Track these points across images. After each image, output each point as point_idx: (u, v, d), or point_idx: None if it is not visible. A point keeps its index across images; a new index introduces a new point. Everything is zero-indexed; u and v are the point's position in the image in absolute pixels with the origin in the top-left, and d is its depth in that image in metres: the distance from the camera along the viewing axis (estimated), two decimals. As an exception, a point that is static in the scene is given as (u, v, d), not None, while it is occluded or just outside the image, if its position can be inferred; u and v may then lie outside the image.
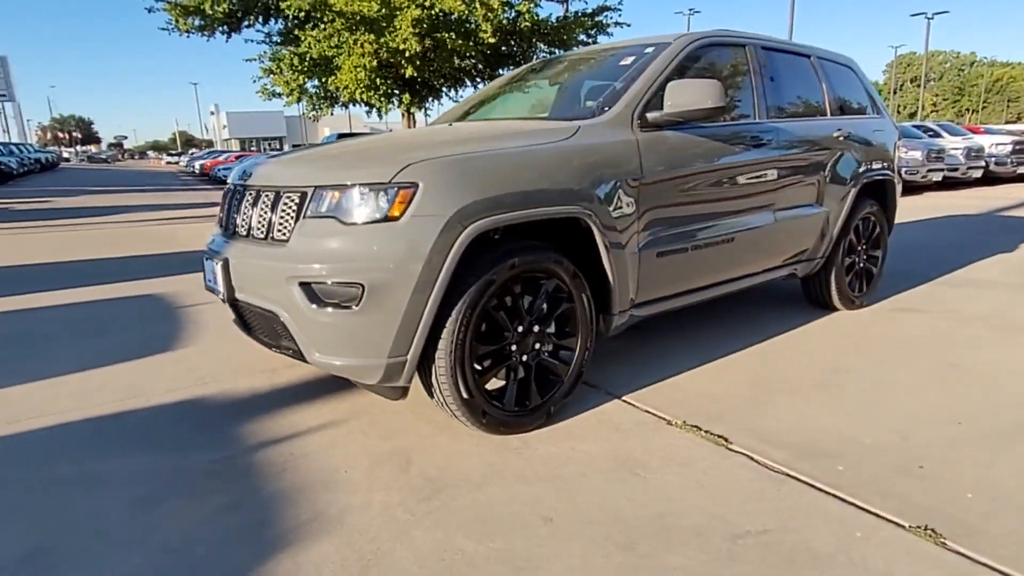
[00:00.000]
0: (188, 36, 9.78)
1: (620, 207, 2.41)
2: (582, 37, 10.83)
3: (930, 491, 1.86)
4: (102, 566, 1.58)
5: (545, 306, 2.32)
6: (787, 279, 3.60)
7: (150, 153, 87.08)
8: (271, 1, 9.45)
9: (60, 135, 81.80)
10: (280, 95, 10.34)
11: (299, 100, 10.40)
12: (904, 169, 12.47)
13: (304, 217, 2.03)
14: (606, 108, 2.57)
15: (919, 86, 57.14)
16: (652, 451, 2.13)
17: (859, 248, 3.91)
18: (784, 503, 1.80)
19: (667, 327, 3.53)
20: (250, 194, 2.28)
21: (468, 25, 8.82)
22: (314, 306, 1.97)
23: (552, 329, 2.38)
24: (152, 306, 4.30)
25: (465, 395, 2.08)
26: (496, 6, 8.34)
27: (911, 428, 2.27)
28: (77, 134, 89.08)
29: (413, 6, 8.03)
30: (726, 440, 2.19)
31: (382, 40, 8.11)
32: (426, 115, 12.96)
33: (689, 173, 2.68)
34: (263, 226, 2.16)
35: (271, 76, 10.22)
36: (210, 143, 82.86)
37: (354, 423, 2.39)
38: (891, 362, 2.97)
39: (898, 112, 71.42)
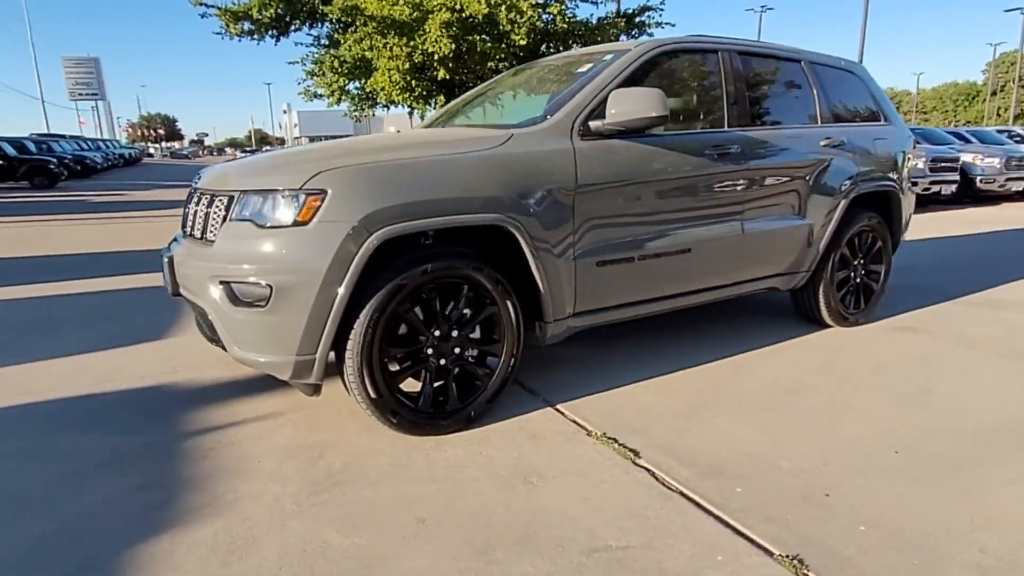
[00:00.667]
0: (240, 40, 10.39)
1: (551, 215, 2.43)
2: (623, 38, 10.72)
3: (822, 521, 1.79)
4: (6, 529, 1.77)
5: (469, 311, 2.38)
6: (770, 292, 3.50)
7: (227, 149, 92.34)
8: (316, 5, 9.89)
9: (146, 132, 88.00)
10: (321, 96, 10.81)
11: (339, 101, 10.84)
12: (980, 178, 11.67)
13: (229, 220, 2.18)
14: (548, 116, 2.59)
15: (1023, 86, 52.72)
16: (556, 461, 2.15)
17: (855, 263, 3.74)
18: (660, 521, 1.79)
19: (642, 334, 3.50)
20: (196, 196, 2.45)
21: (499, 28, 8.93)
22: (232, 304, 2.11)
23: (477, 335, 2.43)
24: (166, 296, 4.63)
25: (373, 394, 2.17)
26: (526, 8, 8.40)
27: (840, 454, 2.19)
28: (161, 131, 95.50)
29: (443, 10, 8.21)
30: (635, 454, 2.18)
31: (412, 43, 8.35)
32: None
33: (635, 182, 2.67)
34: (200, 227, 2.33)
35: (313, 78, 10.71)
36: (282, 140, 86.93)
37: (290, 416, 2.53)
38: (859, 384, 2.85)
39: (998, 115, 66.06)
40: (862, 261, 3.79)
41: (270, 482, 2.03)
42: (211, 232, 2.26)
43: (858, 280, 3.79)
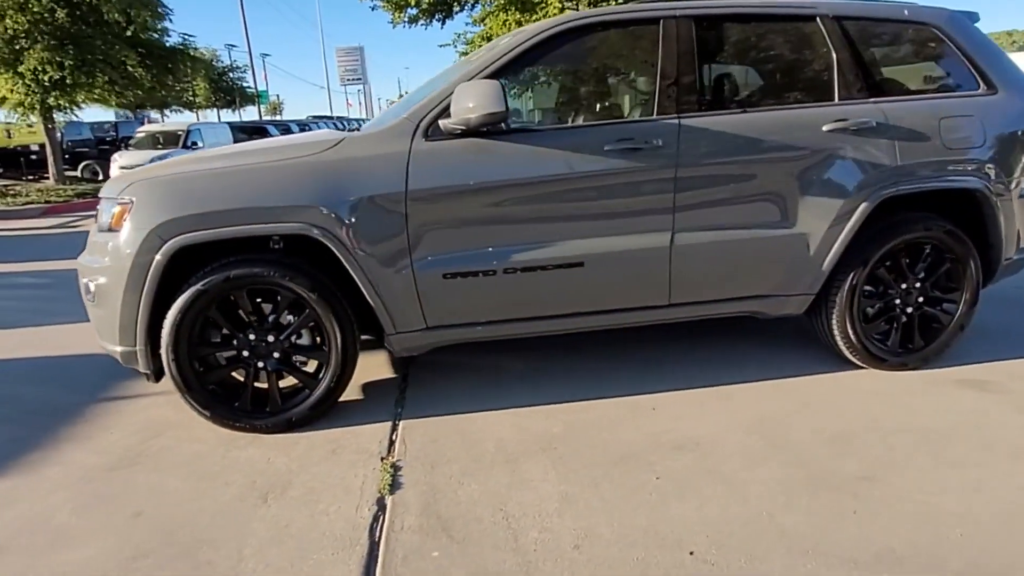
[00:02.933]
0: (409, 27, 11.31)
1: (377, 224, 2.33)
2: None
3: (471, 618, 1.51)
4: None
5: (292, 318, 2.43)
6: (753, 316, 2.84)
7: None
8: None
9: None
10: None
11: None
12: None
13: (96, 222, 2.55)
14: (401, 116, 2.46)
15: None
16: (314, 482, 2.13)
17: (901, 287, 2.81)
18: (311, 572, 1.69)
19: (570, 348, 3.13)
20: None
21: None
22: (85, 297, 2.48)
23: (306, 341, 2.48)
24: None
25: (184, 388, 2.37)
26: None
27: (619, 540, 1.77)
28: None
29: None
30: (391, 490, 2.05)
31: (533, 17, 8.18)
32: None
33: (493, 187, 2.39)
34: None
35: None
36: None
37: (162, 399, 2.82)
38: (806, 461, 2.20)
39: None
40: (918, 286, 2.82)
41: (94, 453, 2.38)
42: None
43: (909, 310, 2.84)
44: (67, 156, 16.65)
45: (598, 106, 2.87)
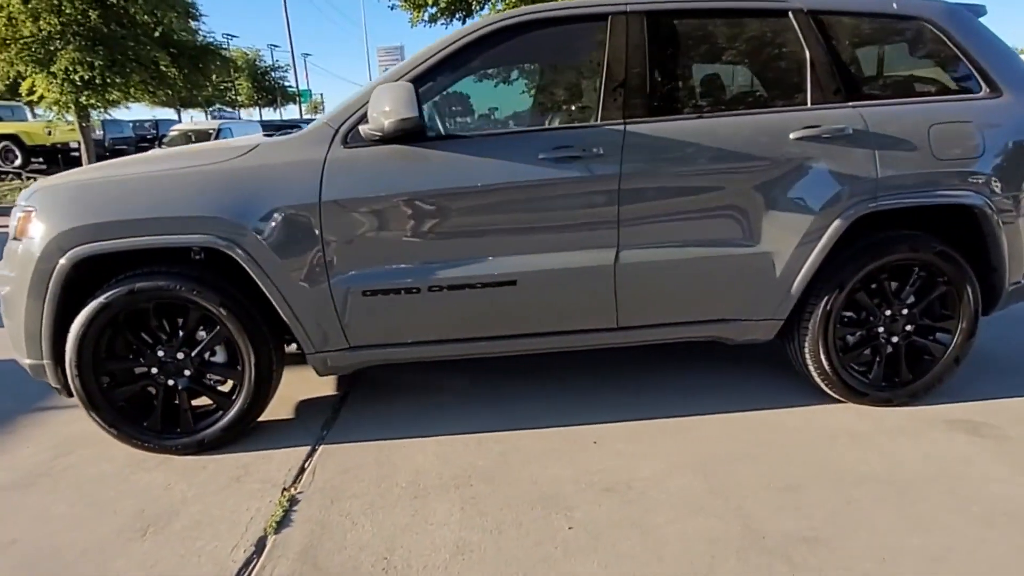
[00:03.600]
0: (430, 26, 11.22)
1: (288, 236, 2.19)
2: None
3: None
4: None
5: (205, 334, 2.30)
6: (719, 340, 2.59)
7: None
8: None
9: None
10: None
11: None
12: None
13: (14, 228, 2.47)
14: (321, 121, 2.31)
15: None
16: (204, 513, 1.99)
17: (885, 313, 2.51)
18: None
19: (519, 370, 2.93)
20: None
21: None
22: None
23: (220, 359, 2.35)
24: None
25: (89, 404, 2.27)
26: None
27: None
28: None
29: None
30: (276, 529, 1.89)
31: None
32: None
33: (415, 198, 2.22)
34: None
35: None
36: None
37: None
38: (757, 508, 1.96)
39: None
40: (905, 313, 2.52)
41: (2, 470, 2.31)
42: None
43: (895, 340, 2.54)
44: (108, 153, 17.21)
45: (539, 111, 2.66)
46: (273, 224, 2.17)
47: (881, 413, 2.52)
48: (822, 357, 2.49)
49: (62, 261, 2.13)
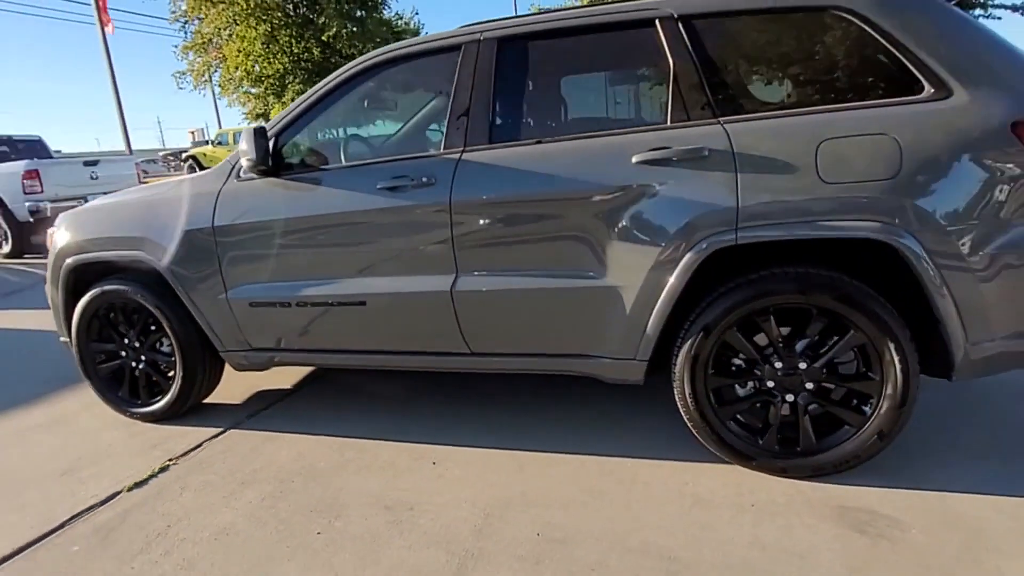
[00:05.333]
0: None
1: (196, 255, 2.69)
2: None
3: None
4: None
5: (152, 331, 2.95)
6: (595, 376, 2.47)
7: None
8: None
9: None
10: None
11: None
12: None
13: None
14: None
15: None
16: (114, 464, 2.59)
17: (775, 367, 2.15)
18: None
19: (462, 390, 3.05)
20: None
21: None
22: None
23: (168, 350, 2.97)
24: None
25: (84, 373, 3.06)
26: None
27: (195, 583, 1.85)
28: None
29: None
30: (136, 485, 2.40)
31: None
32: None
33: (276, 223, 2.55)
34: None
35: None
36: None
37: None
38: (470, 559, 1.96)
39: None
40: (804, 367, 2.12)
41: None
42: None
43: (790, 399, 2.15)
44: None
45: (407, 142, 2.76)
46: (185, 245, 2.70)
47: (767, 484, 2.16)
48: (691, 408, 2.22)
49: (66, 265, 2.93)
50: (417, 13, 29.69)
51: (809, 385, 2.13)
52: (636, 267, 2.15)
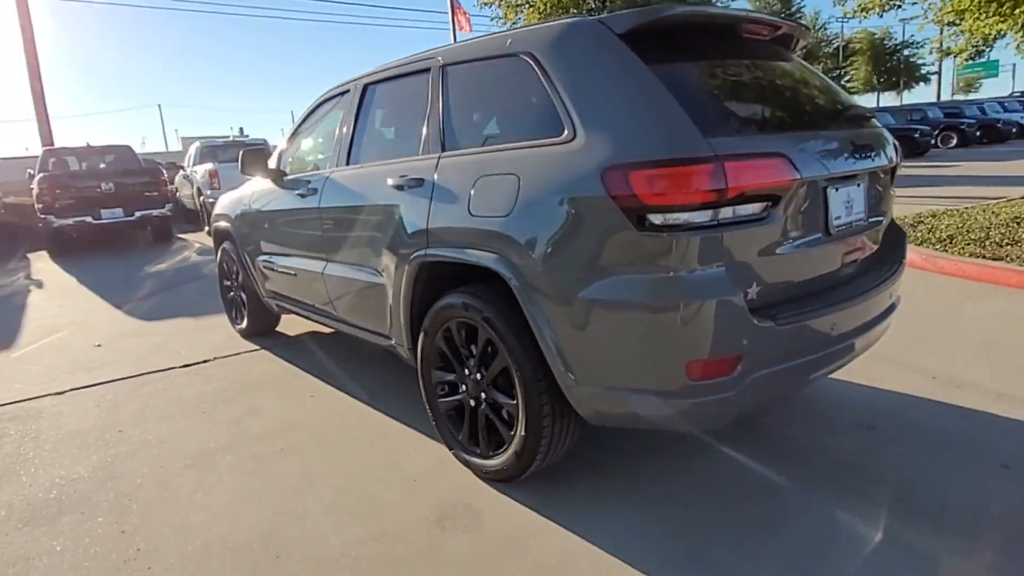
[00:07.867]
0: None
1: (245, 227, 4.18)
2: None
3: None
4: None
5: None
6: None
7: None
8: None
9: None
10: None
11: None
12: None
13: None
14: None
15: None
16: (179, 341, 4.31)
17: (463, 372, 2.50)
18: None
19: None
20: None
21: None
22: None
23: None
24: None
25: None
26: None
27: None
28: None
29: None
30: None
31: None
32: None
33: (259, 214, 3.83)
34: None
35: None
36: None
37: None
38: None
39: None
40: (479, 377, 2.43)
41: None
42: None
43: (472, 403, 2.49)
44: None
45: (314, 161, 3.62)
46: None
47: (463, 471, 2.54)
48: (423, 393, 2.70)
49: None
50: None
51: (482, 395, 2.41)
52: (389, 270, 2.72)
